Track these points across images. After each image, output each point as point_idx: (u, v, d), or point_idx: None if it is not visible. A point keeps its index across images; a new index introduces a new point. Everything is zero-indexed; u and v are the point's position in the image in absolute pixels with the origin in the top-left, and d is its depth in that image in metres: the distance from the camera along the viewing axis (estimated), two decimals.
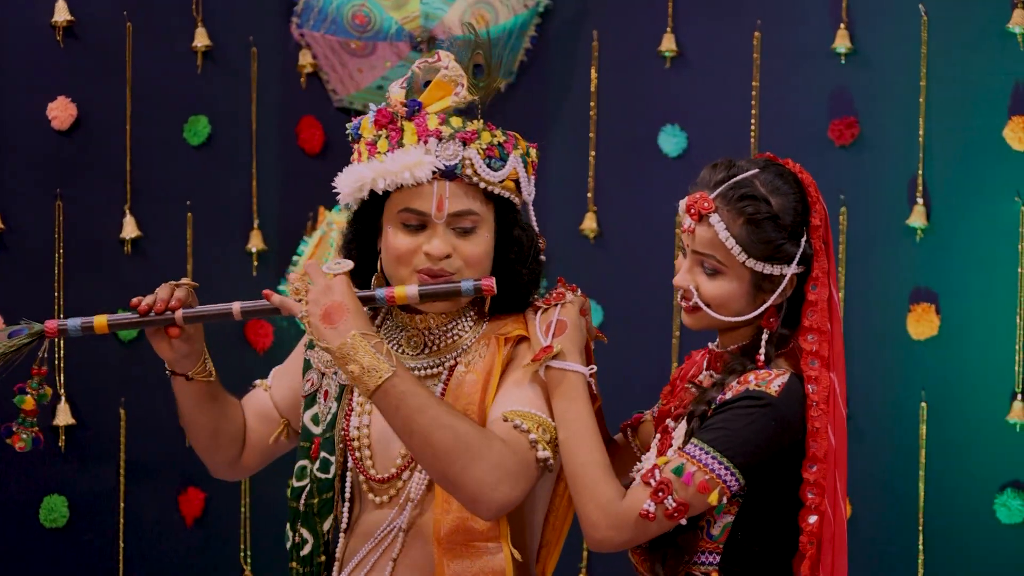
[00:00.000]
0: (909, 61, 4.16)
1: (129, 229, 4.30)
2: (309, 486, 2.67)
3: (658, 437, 2.64)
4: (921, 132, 4.15)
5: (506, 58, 4.48)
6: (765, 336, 2.54)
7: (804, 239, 2.53)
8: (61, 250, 4.19)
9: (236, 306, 2.55)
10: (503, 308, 2.65)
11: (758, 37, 4.36)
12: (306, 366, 2.75)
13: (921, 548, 4.14)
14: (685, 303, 2.57)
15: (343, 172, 2.61)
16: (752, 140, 4.34)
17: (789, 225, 2.52)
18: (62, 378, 4.18)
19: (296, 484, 2.69)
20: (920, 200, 4.15)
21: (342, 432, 2.66)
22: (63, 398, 4.18)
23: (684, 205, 2.56)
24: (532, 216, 2.66)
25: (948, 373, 4.13)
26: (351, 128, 2.62)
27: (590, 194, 4.55)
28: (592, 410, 2.54)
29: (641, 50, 4.51)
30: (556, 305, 2.61)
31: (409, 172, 2.51)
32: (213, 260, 4.45)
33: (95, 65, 4.26)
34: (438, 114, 2.56)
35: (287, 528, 2.71)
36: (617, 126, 4.54)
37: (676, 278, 2.58)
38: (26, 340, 2.55)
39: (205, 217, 4.45)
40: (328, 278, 2.48)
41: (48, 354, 2.57)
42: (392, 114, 2.56)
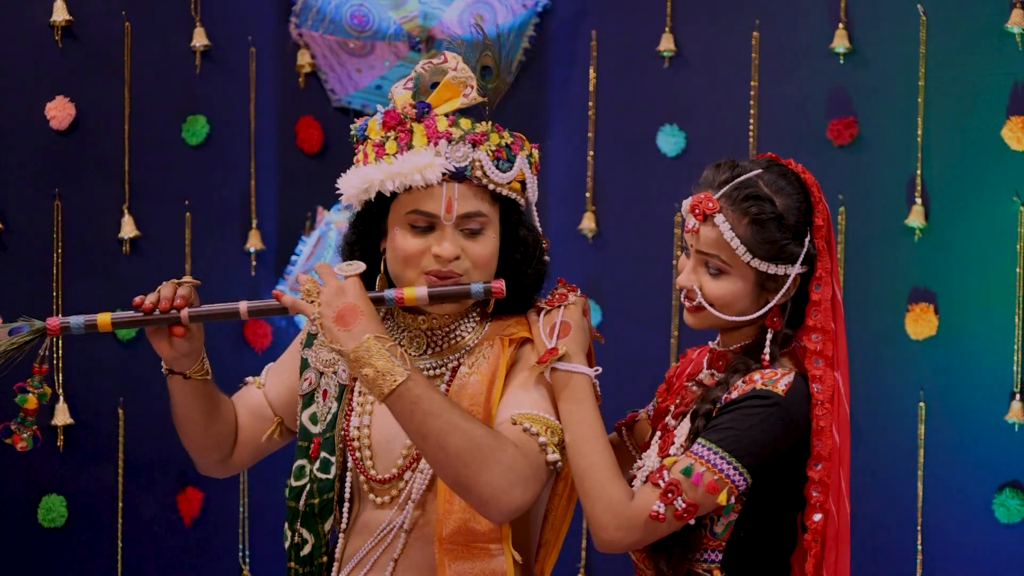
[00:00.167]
0: (908, 61, 4.16)
1: (128, 229, 4.29)
2: (309, 486, 2.66)
3: (658, 435, 2.64)
4: (920, 132, 4.15)
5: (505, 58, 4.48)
6: (769, 336, 2.55)
7: (808, 239, 2.53)
8: (60, 250, 4.19)
9: (243, 305, 2.53)
10: (506, 308, 2.64)
11: (757, 37, 4.36)
12: (304, 365, 2.74)
13: (919, 548, 4.14)
14: (688, 303, 2.57)
15: (347, 173, 2.60)
16: (751, 140, 4.34)
17: (793, 225, 2.52)
18: (61, 378, 4.18)
19: (295, 484, 2.68)
20: (919, 200, 4.15)
21: (342, 432, 2.65)
22: (61, 398, 4.18)
23: (688, 205, 2.56)
24: (535, 216, 2.66)
25: (946, 373, 4.13)
26: (356, 129, 2.61)
27: (589, 193, 4.55)
28: (599, 411, 2.54)
29: (640, 50, 4.51)
30: (559, 306, 2.61)
31: (419, 174, 2.51)
32: (211, 259, 4.45)
33: (94, 65, 4.25)
34: (447, 116, 2.56)
35: (286, 528, 2.69)
36: (616, 126, 4.54)
37: (680, 278, 2.59)
38: (28, 338, 2.53)
39: (203, 217, 4.45)
40: (340, 280, 2.47)
41: (47, 353, 2.55)
42: (401, 116, 2.55)
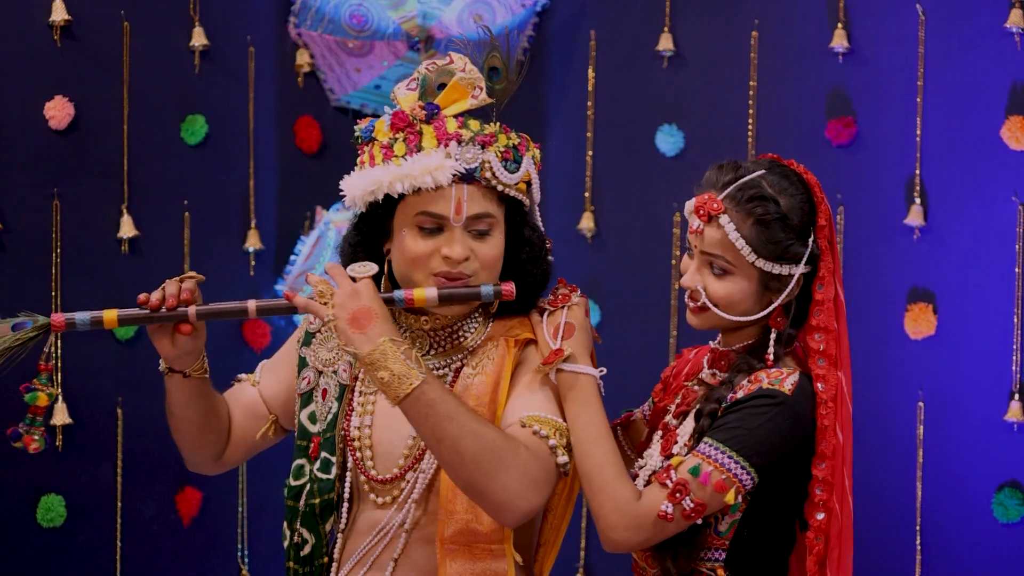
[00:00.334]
0: (907, 60, 4.16)
1: (126, 228, 4.29)
2: (309, 486, 2.65)
3: (659, 435, 2.64)
4: (918, 131, 4.15)
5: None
6: (773, 335, 2.55)
7: (811, 239, 2.54)
8: (58, 249, 4.18)
9: (252, 304, 2.52)
10: (509, 309, 2.64)
11: (755, 36, 4.36)
12: (302, 363, 2.73)
13: (919, 547, 4.14)
14: (693, 303, 2.58)
15: (352, 175, 2.59)
16: (749, 140, 4.34)
17: (797, 225, 2.53)
18: (59, 377, 4.17)
19: (294, 483, 2.68)
20: (917, 199, 4.15)
21: (342, 432, 2.65)
22: (60, 397, 4.17)
23: (692, 206, 2.56)
24: (538, 216, 2.66)
25: (945, 372, 4.13)
26: (360, 131, 2.60)
27: (587, 193, 4.55)
28: (604, 412, 2.55)
29: (638, 49, 4.51)
30: (563, 307, 2.61)
31: (430, 176, 2.50)
32: (210, 259, 4.45)
33: (92, 65, 4.25)
34: (456, 117, 2.55)
35: (285, 527, 2.69)
36: (614, 125, 4.54)
37: (684, 279, 2.59)
38: (32, 333, 2.51)
39: (202, 216, 4.44)
40: (353, 282, 2.47)
41: (51, 349, 2.53)
42: (410, 117, 2.54)
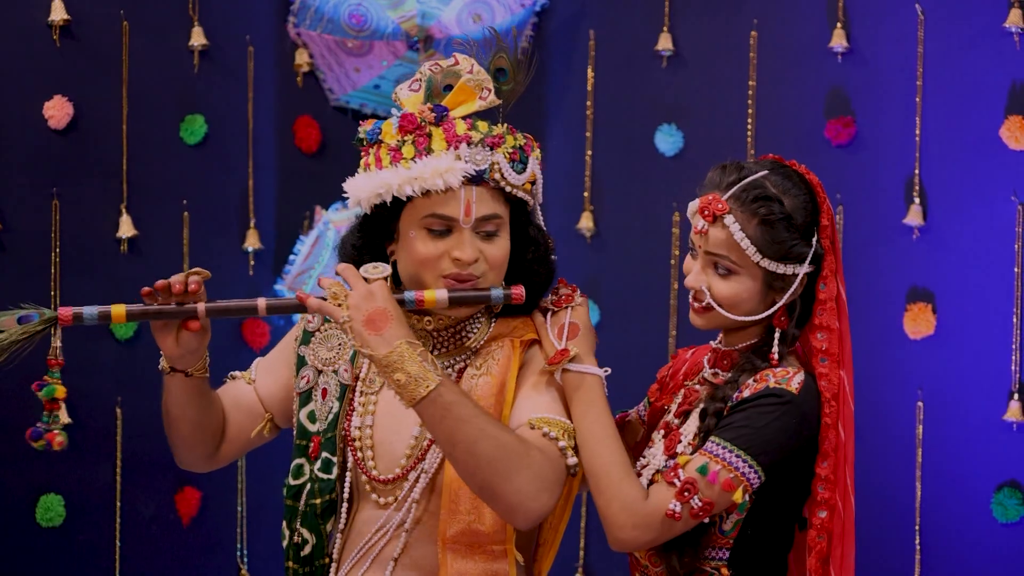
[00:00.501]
0: (906, 60, 4.16)
1: (125, 228, 4.29)
2: (310, 486, 2.65)
3: (661, 434, 2.64)
4: (918, 131, 4.15)
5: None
6: (777, 335, 2.56)
7: (815, 239, 2.55)
8: (57, 249, 4.18)
9: (261, 302, 2.51)
10: (512, 308, 2.63)
11: (755, 36, 4.36)
12: (300, 362, 2.73)
13: (918, 547, 4.14)
14: (697, 304, 2.59)
15: (358, 177, 2.58)
16: (749, 139, 4.34)
17: (801, 225, 2.54)
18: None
19: (293, 482, 2.67)
20: (917, 199, 4.15)
21: (343, 432, 2.64)
22: None
23: (696, 207, 2.57)
24: (540, 216, 2.67)
25: (944, 372, 4.13)
26: (365, 133, 2.58)
27: (587, 193, 4.55)
28: (610, 411, 2.55)
29: (637, 49, 4.50)
30: (566, 307, 2.62)
31: (441, 179, 2.49)
32: (209, 259, 4.44)
33: (91, 64, 4.25)
34: (464, 119, 2.55)
35: (284, 527, 2.68)
36: (613, 125, 4.54)
37: (688, 279, 2.59)
38: (39, 327, 2.49)
39: (201, 216, 4.44)
40: (367, 283, 2.46)
41: (62, 344, 2.51)
42: (419, 120, 2.54)
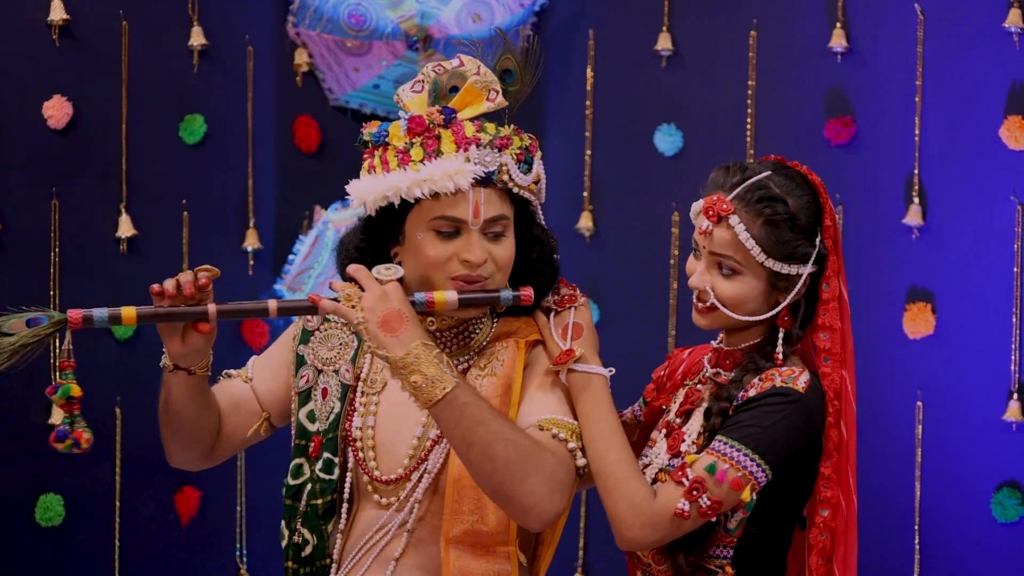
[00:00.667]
0: (905, 60, 4.16)
1: (125, 228, 4.29)
2: (311, 486, 2.64)
3: (663, 434, 2.65)
4: (917, 131, 4.15)
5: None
6: (781, 334, 2.57)
7: (818, 239, 2.56)
8: (57, 249, 4.18)
9: (272, 304, 2.50)
10: (514, 308, 2.63)
11: (754, 36, 4.36)
12: (300, 361, 2.72)
13: (917, 547, 4.14)
14: (701, 304, 2.59)
15: (363, 180, 2.56)
16: (748, 139, 4.34)
17: (805, 225, 2.55)
18: (57, 376, 4.17)
19: (292, 482, 2.67)
20: (916, 199, 4.15)
21: (344, 432, 2.64)
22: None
23: (700, 207, 2.57)
24: (541, 216, 2.67)
25: (944, 372, 4.13)
26: (371, 135, 2.57)
27: (586, 193, 4.55)
28: (616, 411, 2.55)
29: (637, 49, 4.50)
30: (570, 308, 2.62)
31: (451, 181, 2.49)
32: (209, 259, 4.38)
33: (91, 64, 4.25)
34: (472, 120, 2.54)
35: (283, 527, 2.68)
36: (613, 125, 4.54)
37: (692, 279, 2.60)
38: (49, 330, 2.49)
39: (201, 216, 4.44)
40: (381, 285, 2.46)
41: (72, 347, 2.52)
42: (427, 122, 2.53)
